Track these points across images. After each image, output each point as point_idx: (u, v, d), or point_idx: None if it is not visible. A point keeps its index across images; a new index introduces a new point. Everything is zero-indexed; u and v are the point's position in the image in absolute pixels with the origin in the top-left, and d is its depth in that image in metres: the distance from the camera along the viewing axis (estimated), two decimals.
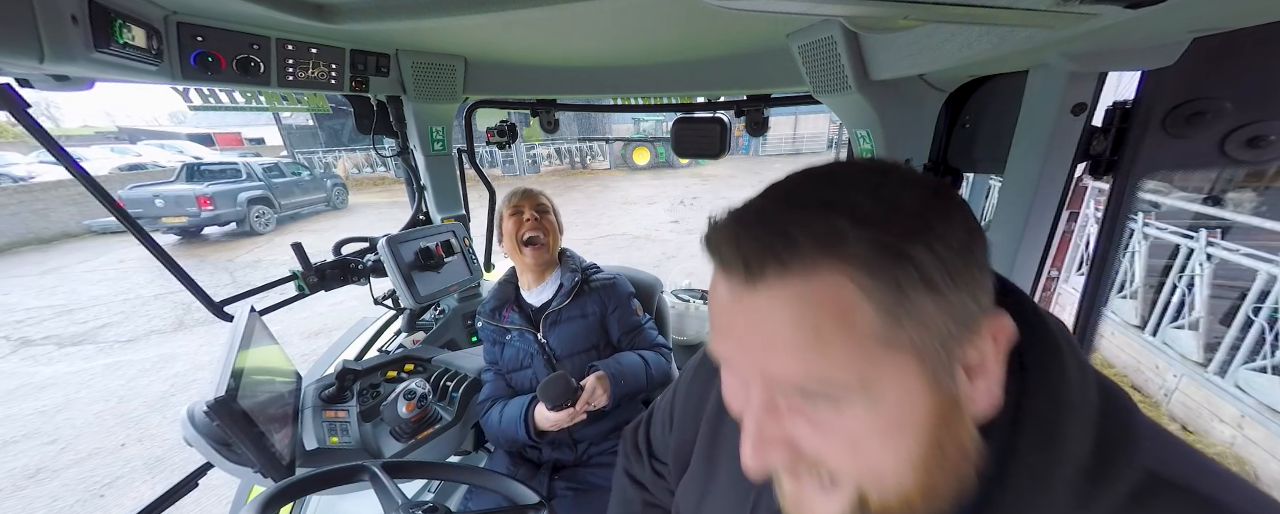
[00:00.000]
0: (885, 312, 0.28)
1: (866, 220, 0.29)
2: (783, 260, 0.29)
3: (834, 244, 0.28)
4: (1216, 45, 0.55)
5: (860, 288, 0.28)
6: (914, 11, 0.36)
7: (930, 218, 0.29)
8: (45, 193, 9.44)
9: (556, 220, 1.41)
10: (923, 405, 0.30)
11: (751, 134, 1.57)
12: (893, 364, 0.29)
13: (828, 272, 0.28)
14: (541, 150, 17.15)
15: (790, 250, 0.29)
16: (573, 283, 1.36)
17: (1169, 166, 0.69)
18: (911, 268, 0.28)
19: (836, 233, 0.28)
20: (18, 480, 2.95)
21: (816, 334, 0.29)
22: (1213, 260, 3.34)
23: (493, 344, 1.41)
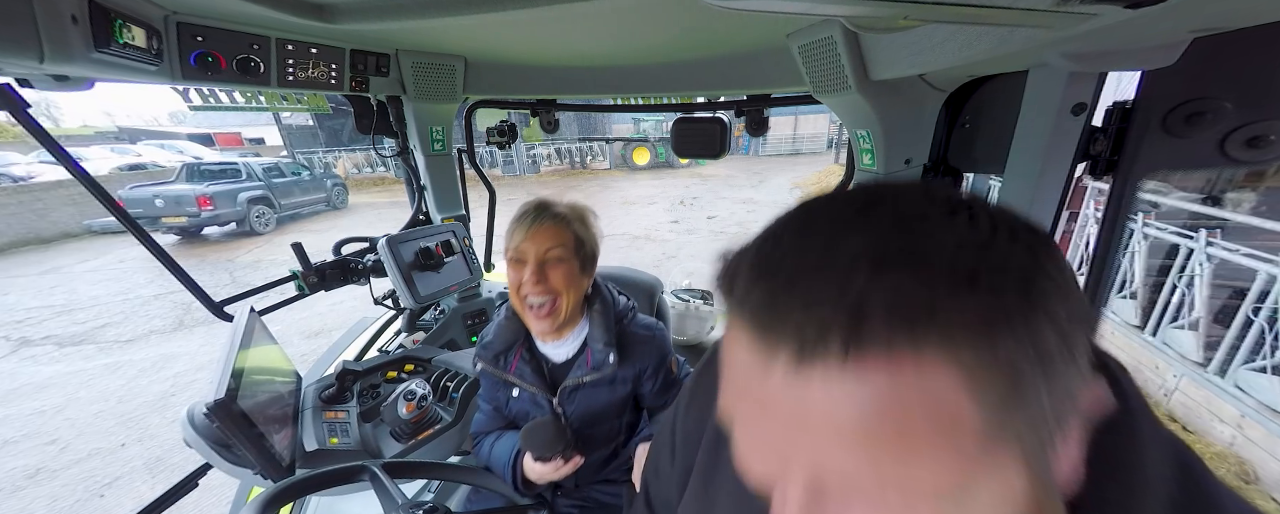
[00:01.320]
0: (994, 405, 0.22)
1: (965, 284, 0.21)
2: (856, 340, 0.21)
3: (925, 319, 0.21)
4: (1216, 45, 0.55)
5: (966, 378, 0.21)
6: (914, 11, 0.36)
7: (1043, 278, 0.23)
8: (45, 193, 9.44)
9: (577, 264, 0.99)
10: (1022, 502, 0.24)
11: (751, 134, 1.57)
12: (995, 464, 0.23)
13: (919, 357, 0.21)
14: (541, 150, 17.15)
15: (862, 327, 0.21)
16: (604, 362, 1.03)
17: (1169, 166, 0.69)
18: (1030, 348, 0.22)
19: (929, 303, 0.21)
20: (17, 481, 2.95)
21: (900, 435, 0.22)
22: (1212, 260, 3.34)
23: (494, 389, 1.14)
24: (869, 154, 1.18)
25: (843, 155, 15.06)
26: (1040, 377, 0.22)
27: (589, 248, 1.02)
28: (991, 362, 0.21)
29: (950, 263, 0.22)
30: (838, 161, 16.14)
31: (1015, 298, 0.22)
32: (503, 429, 1.16)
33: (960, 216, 0.24)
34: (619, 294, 1.15)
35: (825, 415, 0.23)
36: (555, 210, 0.99)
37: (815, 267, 0.23)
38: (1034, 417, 0.23)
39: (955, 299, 0.21)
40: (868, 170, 1.22)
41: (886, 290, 0.21)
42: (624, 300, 1.14)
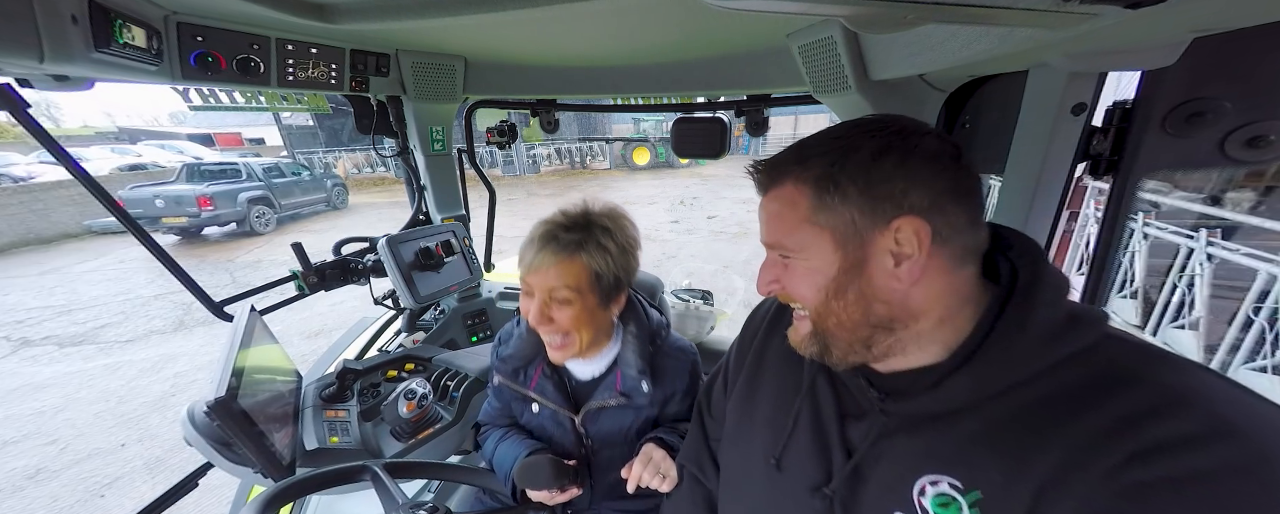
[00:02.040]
0: (811, 204, 0.49)
1: (816, 157, 0.50)
2: (774, 178, 0.53)
3: (796, 170, 0.51)
4: (1216, 45, 0.55)
5: (798, 189, 0.50)
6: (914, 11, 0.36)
7: (852, 154, 0.47)
8: (45, 193, 9.44)
9: (593, 300, 0.87)
10: (832, 262, 0.50)
11: (751, 134, 1.57)
12: (815, 235, 0.50)
13: (789, 182, 0.51)
14: (541, 150, 17.16)
15: (772, 176, 0.53)
16: (637, 387, 0.95)
17: (1169, 166, 0.69)
18: (828, 182, 0.48)
19: (800, 163, 0.51)
20: (17, 481, 2.95)
21: (779, 215, 0.53)
22: (1213, 260, 3.34)
23: (510, 401, 1.07)
24: None
25: None
26: (835, 197, 0.48)
27: (610, 276, 0.86)
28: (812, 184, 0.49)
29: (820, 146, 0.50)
30: None
31: (829, 162, 0.48)
32: (510, 426, 1.11)
33: (849, 128, 0.50)
34: (651, 307, 1.06)
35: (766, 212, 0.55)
36: (565, 238, 0.83)
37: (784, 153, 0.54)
38: (836, 216, 0.48)
39: (807, 162, 0.50)
40: None
41: (794, 158, 0.52)
42: (657, 316, 1.05)
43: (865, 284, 0.49)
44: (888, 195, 0.46)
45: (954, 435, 0.48)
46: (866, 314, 0.50)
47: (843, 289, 0.50)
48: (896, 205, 0.46)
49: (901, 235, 0.46)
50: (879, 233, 0.47)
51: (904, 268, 0.47)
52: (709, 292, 2.16)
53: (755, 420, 0.68)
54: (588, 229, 0.85)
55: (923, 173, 0.46)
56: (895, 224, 0.46)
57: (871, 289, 0.49)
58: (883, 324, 0.50)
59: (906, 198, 0.46)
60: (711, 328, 2.06)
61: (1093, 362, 0.44)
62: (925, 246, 0.46)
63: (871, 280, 0.49)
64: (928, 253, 0.46)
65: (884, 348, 0.51)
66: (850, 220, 0.47)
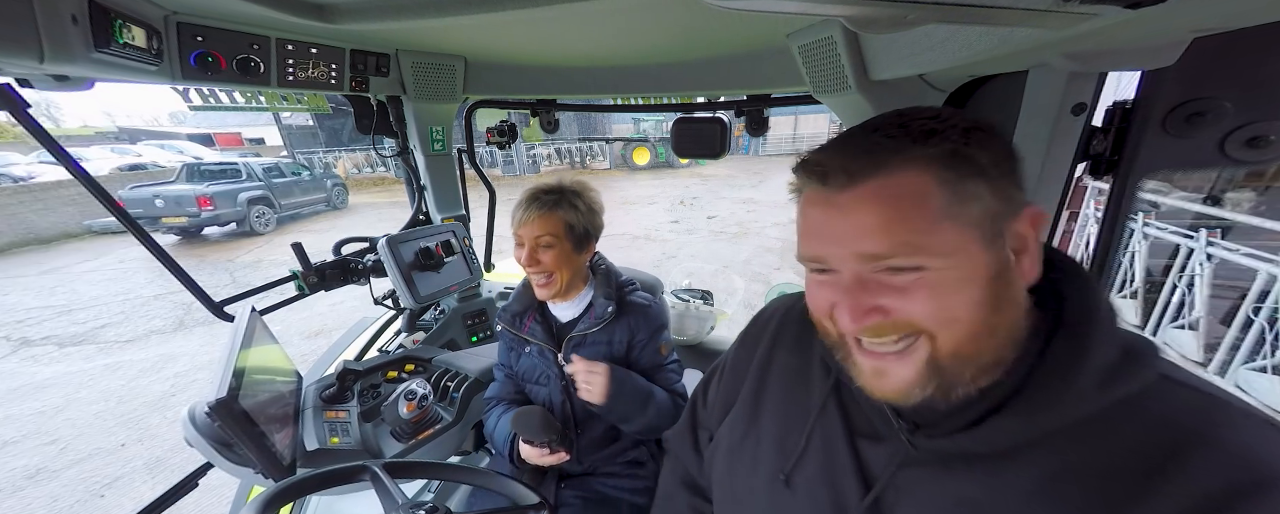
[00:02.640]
0: (950, 193, 0.38)
1: (935, 131, 0.39)
2: (873, 166, 0.40)
3: (914, 149, 0.39)
4: (1216, 45, 0.55)
5: (934, 178, 0.39)
6: (914, 11, 0.36)
7: (970, 131, 0.40)
8: (45, 193, 9.44)
9: (569, 245, 1.12)
10: (982, 263, 0.40)
11: (751, 134, 1.57)
12: (959, 234, 0.39)
13: (907, 169, 0.39)
14: (541, 150, 17.16)
15: (879, 158, 0.40)
16: (604, 312, 1.16)
17: (1169, 166, 0.69)
18: (968, 163, 0.39)
19: (919, 140, 0.39)
20: (17, 481, 2.95)
21: (900, 214, 0.39)
22: (1213, 260, 3.34)
23: (510, 350, 1.30)
24: None
25: None
26: (980, 182, 0.39)
27: (581, 228, 1.12)
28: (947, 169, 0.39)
29: (926, 127, 0.40)
30: None
31: (959, 139, 0.39)
32: (513, 400, 1.29)
33: (936, 110, 0.42)
34: (620, 274, 1.28)
35: (861, 214, 0.40)
36: (545, 198, 1.11)
37: (859, 136, 0.42)
38: (981, 205, 0.39)
39: (926, 141, 0.39)
40: None
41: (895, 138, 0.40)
42: (624, 277, 1.28)
43: (1013, 289, 0.41)
44: (1014, 176, 0.40)
45: (999, 487, 0.42)
46: (1016, 324, 0.42)
47: (1000, 300, 0.40)
48: (1019, 189, 0.40)
49: (1018, 223, 0.40)
50: (1011, 224, 0.40)
51: (1025, 261, 0.41)
52: (709, 292, 2.16)
53: (762, 438, 0.62)
54: (562, 192, 1.12)
55: (1018, 166, 0.41)
56: (1028, 211, 0.41)
57: (1018, 293, 0.41)
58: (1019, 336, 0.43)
59: (1021, 182, 0.41)
60: (711, 328, 2.06)
61: (1151, 412, 0.39)
62: (1039, 239, 0.41)
63: (1013, 282, 0.41)
64: (1030, 253, 0.41)
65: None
66: (992, 211, 0.39)
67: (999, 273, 0.40)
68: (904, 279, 0.40)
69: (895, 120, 0.42)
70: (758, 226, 8.47)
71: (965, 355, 0.41)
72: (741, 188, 12.81)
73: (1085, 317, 0.42)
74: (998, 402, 0.43)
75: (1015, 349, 0.42)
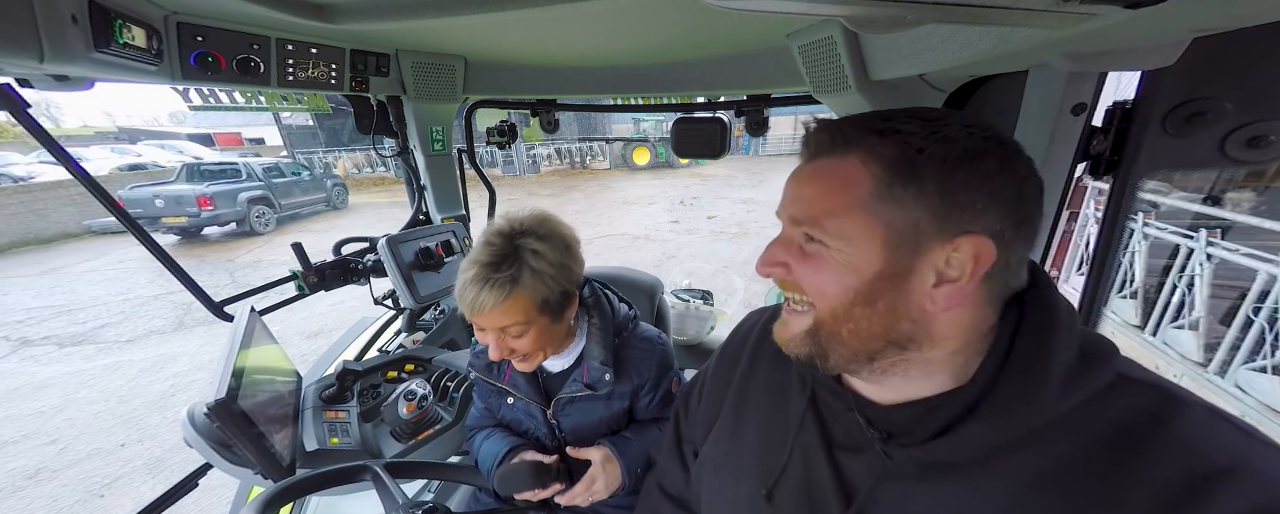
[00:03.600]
0: (876, 188, 0.41)
1: (900, 133, 0.41)
2: (838, 144, 0.43)
3: (865, 141, 0.42)
4: (1216, 45, 0.55)
5: (865, 168, 0.41)
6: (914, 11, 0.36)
7: (945, 144, 0.39)
8: (45, 193, 9.44)
9: (545, 321, 0.87)
10: (873, 263, 0.42)
11: (751, 134, 1.57)
12: (866, 227, 0.42)
13: (851, 155, 0.42)
14: (541, 150, 17.16)
15: (837, 140, 0.44)
16: (601, 379, 0.96)
17: (1169, 166, 0.69)
18: (907, 168, 0.40)
19: (872, 134, 0.42)
20: (17, 481, 2.95)
21: (827, 191, 0.43)
22: (1213, 260, 3.34)
23: (488, 395, 1.11)
24: None
25: None
26: (910, 189, 0.40)
27: (555, 296, 0.86)
28: (882, 166, 0.41)
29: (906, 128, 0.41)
30: None
31: (916, 148, 0.40)
32: (495, 426, 1.13)
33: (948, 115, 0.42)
34: (620, 301, 1.09)
35: (805, 183, 0.46)
36: (497, 278, 0.80)
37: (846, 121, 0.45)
38: (900, 212, 0.40)
39: (887, 138, 0.41)
40: None
41: (861, 127, 0.43)
42: (625, 309, 1.06)
43: (900, 298, 0.42)
44: (966, 205, 0.39)
45: (976, 497, 0.43)
46: (888, 329, 0.43)
47: (873, 297, 0.43)
48: (969, 220, 0.39)
49: (957, 255, 0.40)
50: (938, 245, 0.40)
51: (943, 291, 0.41)
52: (709, 292, 2.16)
53: (744, 455, 0.62)
54: (516, 259, 0.83)
55: (1007, 194, 0.40)
56: (957, 241, 0.40)
57: (904, 305, 0.42)
58: (899, 341, 0.44)
59: (982, 216, 0.39)
60: (711, 328, 2.06)
61: (1113, 409, 0.40)
62: (976, 275, 0.40)
63: (908, 295, 0.42)
64: (972, 283, 0.41)
65: (887, 364, 0.46)
66: (913, 221, 0.40)
67: (889, 276, 0.42)
68: (811, 248, 0.45)
69: (882, 115, 0.44)
70: (758, 227, 8.47)
71: (829, 332, 0.45)
72: (741, 188, 12.81)
73: (1047, 321, 0.42)
74: (964, 408, 0.44)
75: (952, 353, 0.44)
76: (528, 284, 0.82)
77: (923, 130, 0.40)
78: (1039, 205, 0.42)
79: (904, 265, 0.41)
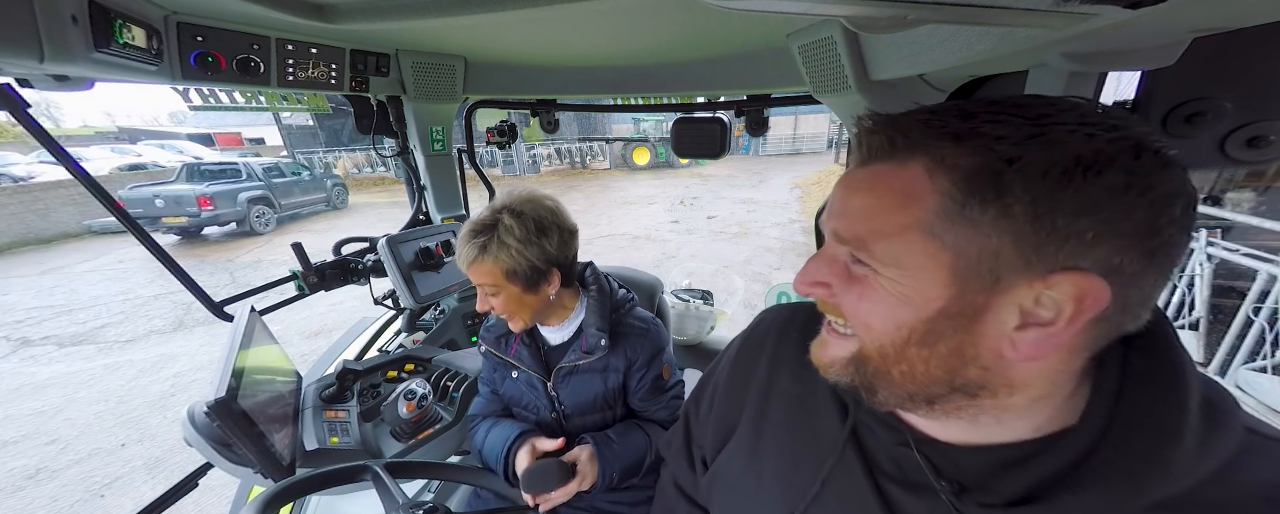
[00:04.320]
0: (944, 206, 0.32)
1: (984, 137, 0.31)
2: (900, 147, 0.35)
3: (935, 146, 0.33)
4: (1216, 45, 0.55)
5: (932, 181, 0.33)
6: (914, 11, 0.36)
7: (1046, 151, 0.30)
8: (45, 193, 9.44)
9: (516, 289, 0.96)
10: (936, 298, 0.34)
11: (751, 134, 1.57)
12: (927, 253, 0.34)
13: (914, 163, 0.34)
14: (541, 150, 17.16)
15: (898, 143, 0.35)
16: (597, 345, 1.04)
17: None
18: (990, 185, 0.31)
19: (946, 138, 0.32)
20: (17, 481, 2.95)
21: (879, 207, 0.35)
22: (1213, 260, 3.34)
23: (494, 370, 1.19)
24: None
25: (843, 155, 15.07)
26: (990, 212, 0.31)
27: (525, 268, 0.94)
28: (954, 179, 0.32)
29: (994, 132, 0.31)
30: (838, 161, 16.14)
31: (1005, 157, 0.30)
32: (500, 415, 1.19)
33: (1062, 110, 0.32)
34: (620, 287, 1.17)
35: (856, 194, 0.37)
36: (473, 243, 0.93)
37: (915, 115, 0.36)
38: (975, 239, 0.32)
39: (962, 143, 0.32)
40: None
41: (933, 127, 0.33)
42: (624, 293, 1.16)
43: (969, 341, 0.34)
44: (1070, 233, 0.30)
45: None
46: (951, 375, 0.36)
47: (933, 338, 0.35)
48: (1073, 251, 0.30)
49: (1051, 294, 0.31)
50: (1026, 282, 0.32)
51: (1029, 336, 0.33)
52: (709, 292, 2.16)
53: (763, 474, 0.55)
54: (492, 231, 0.93)
55: (1137, 219, 0.30)
56: (1054, 278, 0.31)
57: (974, 349, 0.34)
58: (966, 388, 0.36)
59: (1094, 248, 0.30)
60: (711, 328, 2.06)
61: (1256, 475, 0.34)
62: (1078, 322, 0.31)
63: (980, 338, 0.34)
64: (1071, 329, 0.32)
65: (950, 409, 0.38)
66: (993, 251, 0.32)
67: (955, 314, 0.34)
68: (858, 271, 0.38)
69: (965, 109, 0.34)
70: (758, 227, 8.47)
71: (876, 369, 0.38)
72: (741, 188, 12.81)
73: (1170, 368, 0.34)
74: (1065, 465, 0.36)
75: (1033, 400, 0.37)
76: (493, 253, 0.93)
77: (1019, 132, 0.31)
78: (1185, 232, 0.31)
79: (976, 302, 0.33)
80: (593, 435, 1.06)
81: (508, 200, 0.98)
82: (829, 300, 0.41)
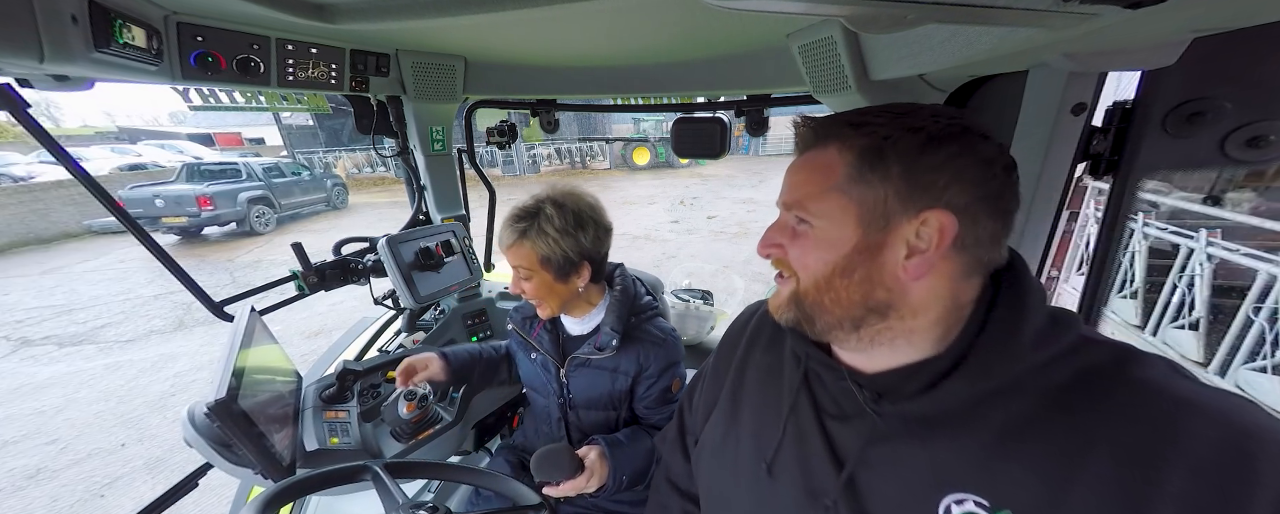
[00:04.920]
0: (848, 173, 0.47)
1: (870, 125, 0.47)
2: (820, 137, 0.51)
3: (841, 133, 0.49)
4: (1216, 45, 0.55)
5: (840, 156, 0.48)
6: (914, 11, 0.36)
7: (909, 134, 0.45)
8: (45, 193, 9.44)
9: (549, 276, 1.02)
10: (849, 238, 0.48)
11: (751, 134, 1.57)
12: (841, 206, 0.48)
13: (830, 146, 0.49)
14: (541, 150, 17.16)
15: (818, 134, 0.51)
16: (608, 344, 1.07)
17: (1169, 166, 0.69)
18: (875, 154, 0.46)
19: (847, 127, 0.48)
20: (17, 481, 2.95)
21: (810, 178, 0.50)
22: (1213, 260, 3.34)
23: (518, 348, 1.29)
24: None
25: None
26: (877, 173, 0.46)
27: (558, 256, 0.99)
28: (854, 153, 0.47)
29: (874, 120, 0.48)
30: None
31: (882, 137, 0.46)
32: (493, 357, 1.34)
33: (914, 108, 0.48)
34: (646, 294, 1.19)
35: (796, 172, 0.53)
36: (514, 227, 1.00)
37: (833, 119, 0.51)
38: (870, 191, 0.47)
39: (860, 130, 0.48)
40: None
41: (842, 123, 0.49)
42: (648, 300, 1.18)
43: (875, 268, 0.48)
44: (929, 184, 0.45)
45: (963, 446, 0.47)
46: (866, 297, 0.48)
47: (851, 268, 0.48)
48: (933, 197, 0.45)
49: (925, 228, 0.45)
50: (906, 220, 0.46)
51: (914, 261, 0.46)
52: (709, 292, 2.16)
53: (742, 436, 0.66)
54: (533, 217, 1.00)
55: (970, 173, 0.45)
56: (924, 216, 0.45)
57: (879, 274, 0.48)
58: (878, 309, 0.49)
59: (945, 192, 0.44)
60: (711, 328, 2.05)
61: (1078, 362, 0.45)
62: (943, 246, 0.45)
63: (882, 266, 0.47)
64: (942, 253, 0.46)
65: (872, 332, 0.50)
66: (882, 199, 0.46)
67: (864, 249, 0.47)
68: (800, 228, 0.52)
69: (859, 110, 0.50)
70: (758, 227, 8.46)
71: (811, 300, 0.51)
72: (741, 188, 12.81)
73: (1017, 292, 0.48)
74: (947, 367, 0.48)
75: (933, 323, 0.49)
76: (532, 238, 0.99)
77: (892, 122, 0.46)
78: (1010, 184, 0.47)
79: (876, 239, 0.47)
80: (603, 437, 1.06)
81: (551, 192, 1.04)
82: (781, 256, 0.53)
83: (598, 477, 0.98)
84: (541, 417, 1.26)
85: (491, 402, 1.52)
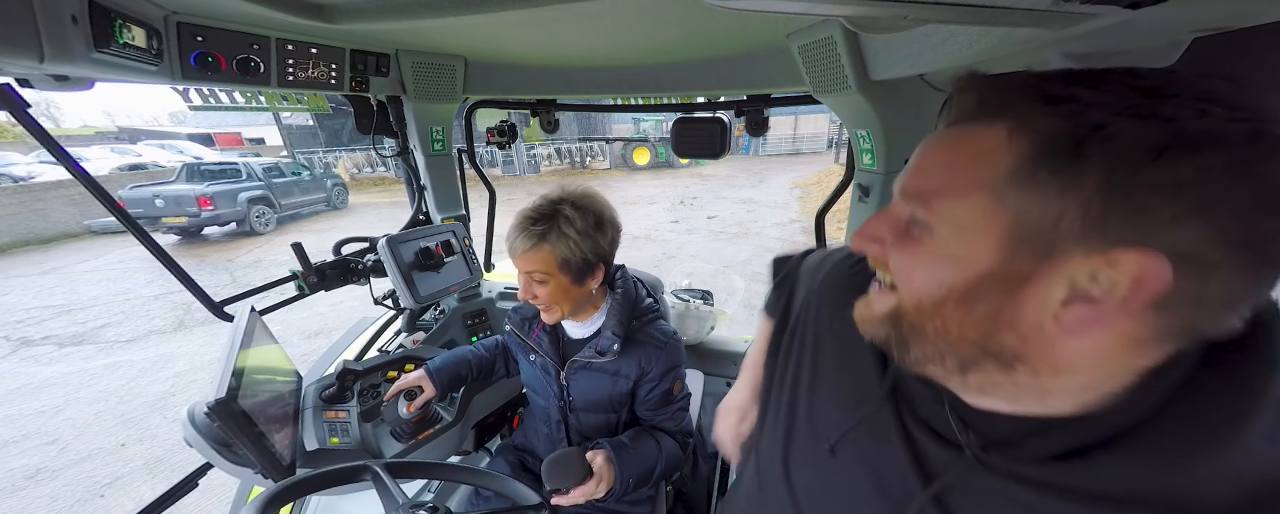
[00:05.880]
0: (1015, 170, 0.31)
1: (1078, 101, 0.30)
2: (988, 107, 0.34)
3: (1023, 107, 0.32)
4: (1216, 45, 0.55)
5: (1010, 143, 0.32)
6: (914, 11, 0.36)
7: (1139, 124, 0.28)
8: (45, 193, 9.43)
9: (565, 279, 0.99)
10: (981, 259, 0.33)
11: (751, 134, 1.57)
12: (985, 214, 0.33)
13: (998, 124, 0.33)
14: (541, 150, 17.16)
15: (986, 104, 0.34)
16: (609, 348, 1.05)
17: None
18: (1067, 152, 0.29)
19: (1037, 100, 0.31)
20: (17, 481, 2.95)
21: (952, 164, 0.35)
22: None
23: (516, 350, 1.27)
24: (869, 154, 1.18)
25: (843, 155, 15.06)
26: (1061, 180, 0.29)
27: (578, 259, 0.96)
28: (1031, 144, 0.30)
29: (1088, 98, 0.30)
30: (838, 161, 16.14)
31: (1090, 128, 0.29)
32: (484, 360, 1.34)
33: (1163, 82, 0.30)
34: (647, 296, 1.17)
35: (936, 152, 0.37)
36: (532, 230, 0.95)
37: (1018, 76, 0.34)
38: (1037, 206, 0.31)
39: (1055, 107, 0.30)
40: (868, 170, 1.22)
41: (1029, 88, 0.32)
42: (650, 302, 1.16)
43: (1008, 305, 0.33)
44: (1144, 211, 0.28)
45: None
46: (985, 336, 0.35)
47: (972, 298, 0.34)
48: (1143, 231, 0.28)
49: (1109, 273, 0.29)
50: (1083, 255, 0.30)
51: (1074, 312, 0.31)
52: (709, 292, 2.16)
53: (815, 407, 0.56)
54: (552, 219, 0.96)
55: (1230, 206, 0.27)
56: (1115, 255, 0.29)
57: (1012, 315, 0.33)
58: (1000, 355, 0.35)
59: (1170, 229, 0.28)
60: (711, 328, 2.06)
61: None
62: (1132, 303, 0.30)
63: (1019, 305, 0.33)
64: (1125, 311, 0.30)
65: (985, 381, 0.37)
66: (1053, 218, 0.30)
67: (1001, 278, 0.33)
68: (914, 230, 0.37)
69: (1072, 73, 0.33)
70: (758, 227, 8.47)
71: (911, 324, 0.39)
72: (741, 188, 12.81)
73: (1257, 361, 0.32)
74: (1109, 432, 0.35)
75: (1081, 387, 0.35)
76: (552, 241, 0.95)
77: (1119, 101, 0.29)
78: None
79: (1022, 269, 0.32)
80: (608, 441, 1.05)
81: (566, 193, 1.00)
82: (881, 256, 0.41)
83: (606, 481, 0.97)
84: (541, 417, 1.26)
85: (491, 402, 1.52)
